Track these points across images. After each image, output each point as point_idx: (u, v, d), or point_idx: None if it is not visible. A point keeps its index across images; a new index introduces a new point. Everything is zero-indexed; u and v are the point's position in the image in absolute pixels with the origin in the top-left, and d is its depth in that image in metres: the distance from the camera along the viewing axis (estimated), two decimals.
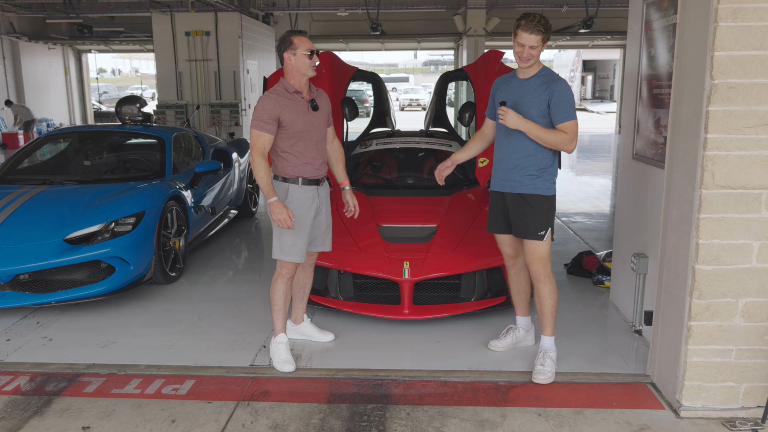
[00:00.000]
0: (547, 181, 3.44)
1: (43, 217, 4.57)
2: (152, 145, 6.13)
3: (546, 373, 3.41)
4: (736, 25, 2.72)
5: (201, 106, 14.77)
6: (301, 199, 3.51)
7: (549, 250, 3.48)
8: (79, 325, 4.27)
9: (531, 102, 3.37)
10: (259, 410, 3.13)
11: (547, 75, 3.40)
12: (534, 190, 3.43)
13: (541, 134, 3.32)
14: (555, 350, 3.52)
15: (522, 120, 3.32)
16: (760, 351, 2.98)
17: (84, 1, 15.29)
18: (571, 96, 3.36)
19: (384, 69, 61.31)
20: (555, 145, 3.34)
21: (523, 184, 3.44)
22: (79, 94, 22.69)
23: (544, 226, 3.43)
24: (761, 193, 2.84)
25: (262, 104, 3.41)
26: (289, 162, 3.49)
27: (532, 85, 3.38)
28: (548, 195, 3.45)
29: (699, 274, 2.91)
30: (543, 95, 3.34)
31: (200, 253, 6.02)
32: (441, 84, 6.57)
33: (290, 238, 3.50)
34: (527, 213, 3.44)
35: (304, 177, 3.51)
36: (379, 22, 15.92)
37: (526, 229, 3.45)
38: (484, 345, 3.85)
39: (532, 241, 3.45)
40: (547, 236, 3.45)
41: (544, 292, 3.49)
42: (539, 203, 3.42)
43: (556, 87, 3.32)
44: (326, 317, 4.29)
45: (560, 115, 3.32)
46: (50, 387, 3.38)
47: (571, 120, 3.32)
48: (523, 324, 3.81)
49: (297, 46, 3.40)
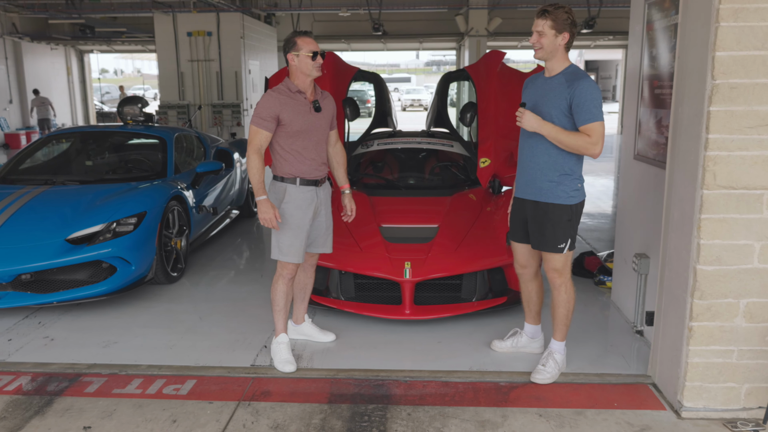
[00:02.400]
0: (569, 189, 3.24)
1: (45, 217, 4.57)
2: (154, 145, 6.13)
3: (545, 373, 3.38)
4: (738, 26, 2.71)
5: (203, 106, 14.78)
6: (299, 200, 3.51)
7: (567, 260, 3.34)
8: (80, 325, 4.27)
9: (552, 101, 3.17)
10: (260, 410, 3.13)
11: (572, 73, 3.18)
12: (554, 199, 3.24)
13: (561, 137, 3.12)
14: (563, 354, 3.45)
15: (539, 121, 3.15)
16: (761, 352, 2.97)
17: (86, 2, 15.30)
18: (597, 95, 3.10)
19: (386, 69, 61.30)
20: (577, 149, 3.12)
21: (543, 192, 3.26)
22: (81, 95, 22.72)
23: (564, 238, 3.27)
24: (763, 194, 2.84)
25: (263, 102, 3.43)
26: (287, 161, 3.49)
27: (555, 83, 3.19)
28: (570, 204, 3.25)
29: (700, 275, 2.91)
30: (565, 94, 3.13)
31: (202, 253, 6.02)
32: (442, 84, 6.57)
33: (288, 239, 3.50)
34: (546, 224, 3.27)
35: (302, 177, 3.51)
36: (381, 22, 15.92)
37: (545, 241, 3.30)
38: (486, 345, 3.85)
39: (551, 253, 3.32)
40: (567, 248, 3.30)
41: (557, 299, 3.40)
42: (559, 213, 3.24)
43: (579, 85, 3.10)
44: (327, 317, 4.29)
45: (583, 116, 3.09)
46: (51, 387, 3.38)
47: (596, 121, 3.08)
48: (530, 331, 3.73)
49: (300, 47, 3.41)
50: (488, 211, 4.88)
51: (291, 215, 3.50)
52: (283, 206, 3.50)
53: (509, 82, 5.28)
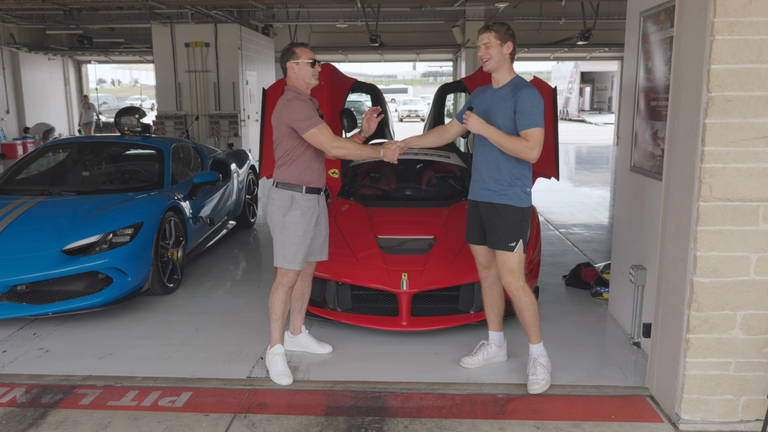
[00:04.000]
0: (520, 191, 3.41)
1: (41, 228, 4.56)
2: (151, 156, 6.13)
3: (539, 383, 3.40)
4: (733, 39, 2.73)
5: (200, 116, 14.80)
6: (305, 207, 3.52)
7: (520, 262, 3.45)
8: (75, 336, 4.25)
9: (500, 110, 3.37)
10: (256, 423, 3.11)
11: (516, 84, 3.39)
12: (506, 201, 3.41)
13: (501, 140, 3.29)
14: (545, 355, 3.50)
15: (484, 125, 3.32)
16: (759, 364, 2.97)
17: (84, 13, 15.33)
18: (538, 103, 3.29)
19: (383, 80, 61.56)
20: (515, 152, 3.29)
21: (496, 194, 3.43)
22: (78, 105, 22.71)
23: (515, 237, 3.41)
24: (759, 206, 2.85)
25: (299, 106, 3.38)
26: (296, 168, 3.50)
27: (503, 94, 3.39)
28: (521, 206, 3.41)
29: (697, 287, 2.91)
30: (510, 102, 3.33)
31: (198, 264, 6.01)
32: (439, 95, 6.59)
33: (294, 246, 3.50)
34: (498, 223, 3.43)
35: (308, 186, 3.53)
36: (378, 33, 15.99)
37: (498, 239, 3.44)
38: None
39: (503, 252, 3.43)
40: (518, 248, 3.42)
41: (520, 304, 3.47)
42: (511, 214, 3.40)
43: (522, 93, 3.31)
44: (324, 329, 4.27)
45: (523, 121, 3.28)
46: (46, 399, 3.36)
47: (534, 127, 3.26)
48: (495, 339, 3.77)
49: (299, 56, 3.45)
50: None
51: (297, 223, 3.49)
52: (289, 214, 3.49)
53: None
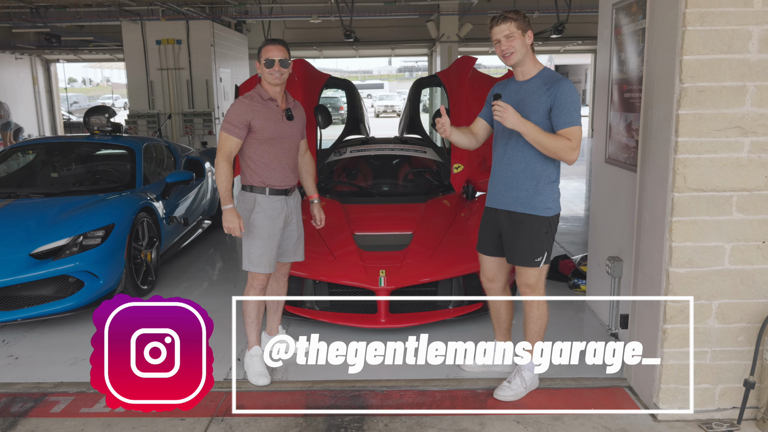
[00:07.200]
0: (547, 199, 3.11)
1: (9, 232, 4.44)
2: (122, 155, 6.01)
3: (508, 390, 3.24)
4: (704, 29, 2.74)
5: (173, 115, 14.59)
6: (269, 209, 3.45)
7: (542, 275, 3.19)
8: (46, 342, 4.15)
9: (530, 105, 3.02)
10: (234, 425, 3.06)
11: (548, 75, 3.06)
12: (530, 210, 3.09)
13: (541, 138, 2.94)
14: (532, 371, 3.25)
15: (522, 120, 2.94)
16: (734, 352, 3.00)
17: (51, 11, 15.00)
18: (577, 98, 2.98)
19: (359, 76, 61.34)
20: (555, 152, 2.97)
21: (519, 201, 3.11)
22: (48, 105, 22.26)
23: (541, 251, 3.11)
24: (732, 195, 2.86)
25: (234, 108, 3.37)
26: (257, 170, 3.43)
27: (532, 87, 3.05)
28: (547, 216, 3.12)
29: (673, 277, 2.92)
30: (544, 97, 3.00)
31: (173, 264, 5.91)
32: (414, 90, 6.56)
33: (258, 249, 3.44)
34: (522, 236, 3.11)
35: (271, 186, 3.45)
36: (352, 29, 15.90)
37: (521, 255, 3.13)
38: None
39: (526, 267, 3.17)
40: (543, 261, 3.15)
41: (529, 315, 3.24)
42: (536, 225, 3.09)
43: (560, 88, 2.98)
44: (302, 328, 4.22)
45: (563, 120, 2.95)
46: (16, 408, 3.27)
47: (575, 126, 2.96)
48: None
49: (261, 55, 3.38)
50: (462, 216, 4.87)
51: (261, 225, 3.44)
52: (253, 216, 3.43)
53: (480, 87, 5.28)
